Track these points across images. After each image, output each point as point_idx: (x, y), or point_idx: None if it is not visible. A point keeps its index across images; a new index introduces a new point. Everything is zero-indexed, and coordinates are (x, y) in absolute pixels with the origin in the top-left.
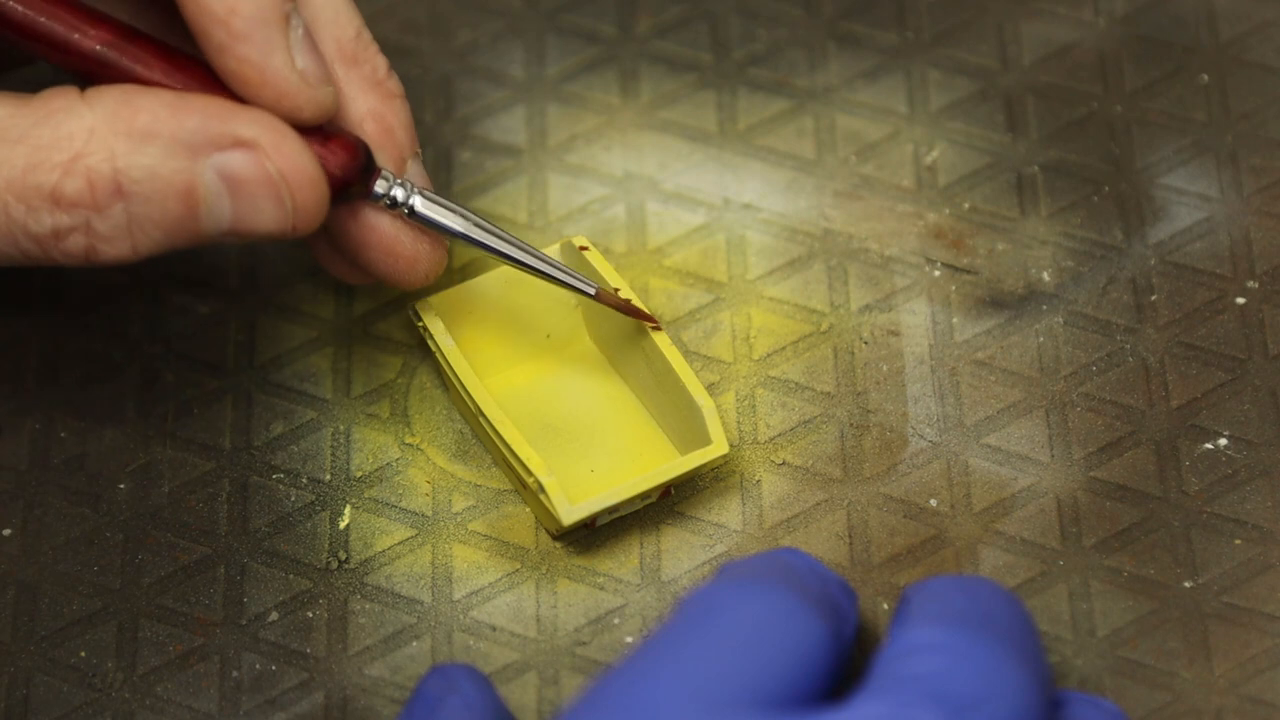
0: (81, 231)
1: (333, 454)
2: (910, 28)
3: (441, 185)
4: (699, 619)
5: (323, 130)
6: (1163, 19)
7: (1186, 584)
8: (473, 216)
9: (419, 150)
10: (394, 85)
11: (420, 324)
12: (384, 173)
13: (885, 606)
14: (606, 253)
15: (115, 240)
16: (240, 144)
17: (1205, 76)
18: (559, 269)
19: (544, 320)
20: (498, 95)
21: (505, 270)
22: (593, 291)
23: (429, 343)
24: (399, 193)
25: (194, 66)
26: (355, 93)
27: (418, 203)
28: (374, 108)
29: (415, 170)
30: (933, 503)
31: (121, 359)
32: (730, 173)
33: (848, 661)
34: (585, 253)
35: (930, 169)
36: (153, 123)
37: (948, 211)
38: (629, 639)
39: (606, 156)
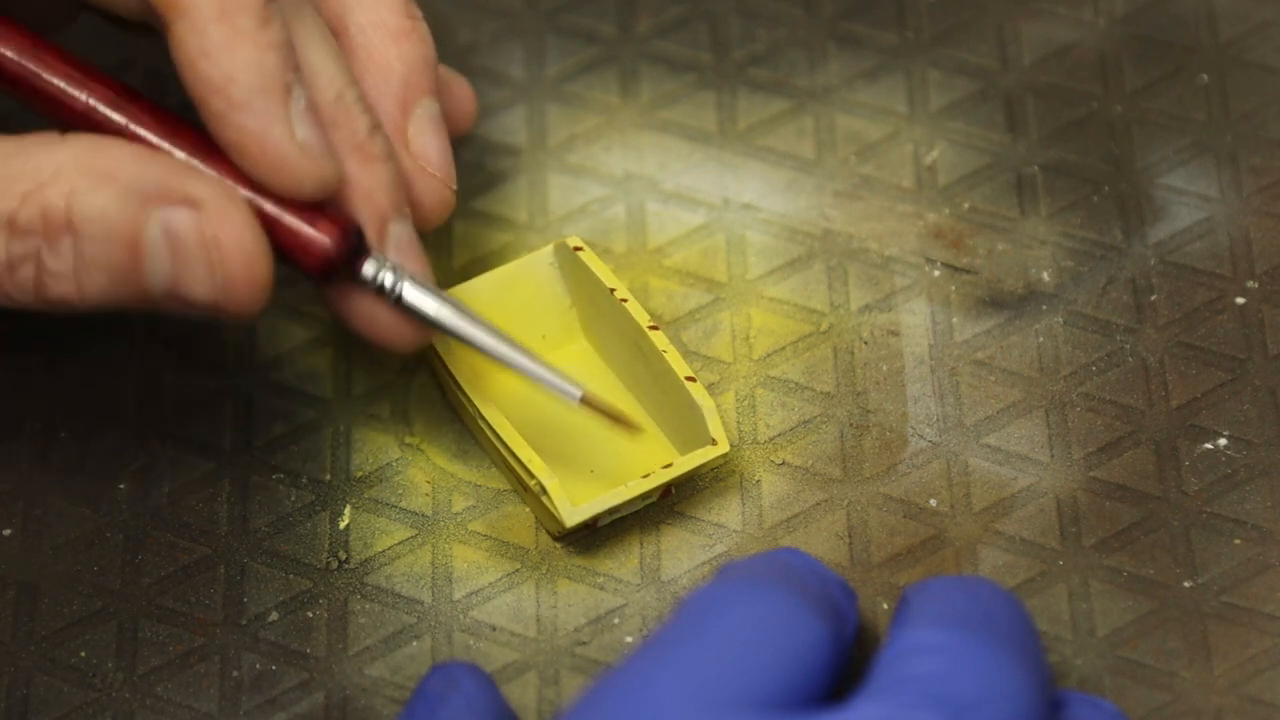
0: (32, 262)
1: (333, 454)
2: (910, 28)
3: None
4: (699, 620)
5: (319, 207)
6: (1163, 19)
7: (1186, 584)
8: (461, 306)
9: (407, 210)
10: (376, 147)
11: None
12: (375, 255)
13: (885, 606)
14: (606, 253)
15: (62, 277)
16: (188, 202)
17: (1205, 76)
18: (545, 368)
19: (540, 321)
20: (498, 95)
21: (500, 272)
22: (578, 396)
23: (432, 355)
24: (388, 278)
25: (189, 132)
26: (339, 155)
27: (405, 290)
28: (352, 172)
29: (401, 232)
30: (932, 503)
31: (121, 359)
32: (730, 173)
33: (848, 662)
34: (580, 253)
35: (930, 169)
36: (114, 166)
37: (948, 211)
38: (629, 639)
39: (606, 156)
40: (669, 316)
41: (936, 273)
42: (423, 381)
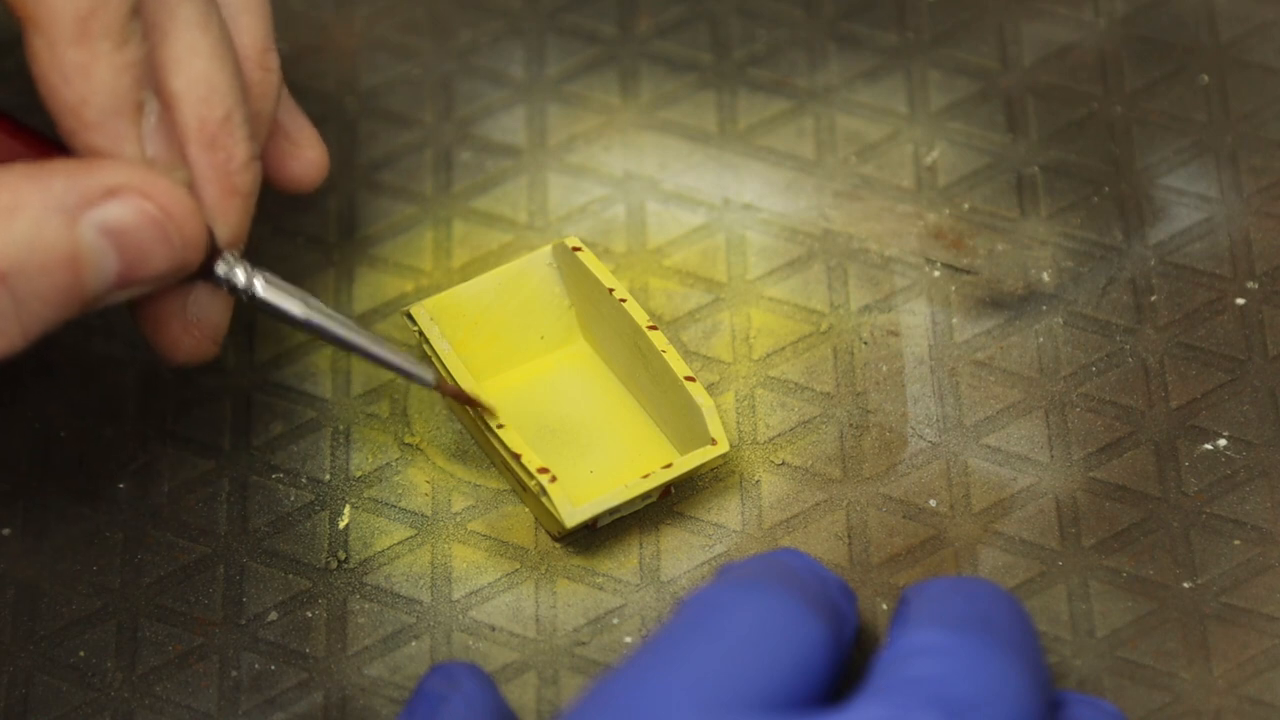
0: None
1: (332, 454)
2: (910, 28)
3: (442, 185)
4: (699, 621)
5: None
6: (1163, 19)
7: (1186, 585)
8: (314, 302)
9: (241, 248)
10: (242, 181)
11: (415, 328)
12: (225, 255)
13: (884, 607)
14: (606, 253)
15: (4, 331)
16: (113, 193)
17: (1205, 77)
18: (398, 357)
19: (538, 322)
20: (498, 95)
21: (499, 272)
22: (431, 382)
23: (424, 347)
24: (239, 276)
25: (47, 145)
26: (201, 179)
27: (259, 286)
28: (209, 196)
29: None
30: (932, 503)
31: (121, 359)
32: (730, 173)
33: (847, 663)
34: (578, 253)
35: (930, 169)
36: (15, 197)
37: (948, 212)
38: (628, 639)
39: (606, 156)
40: (669, 316)
41: (936, 273)
42: None
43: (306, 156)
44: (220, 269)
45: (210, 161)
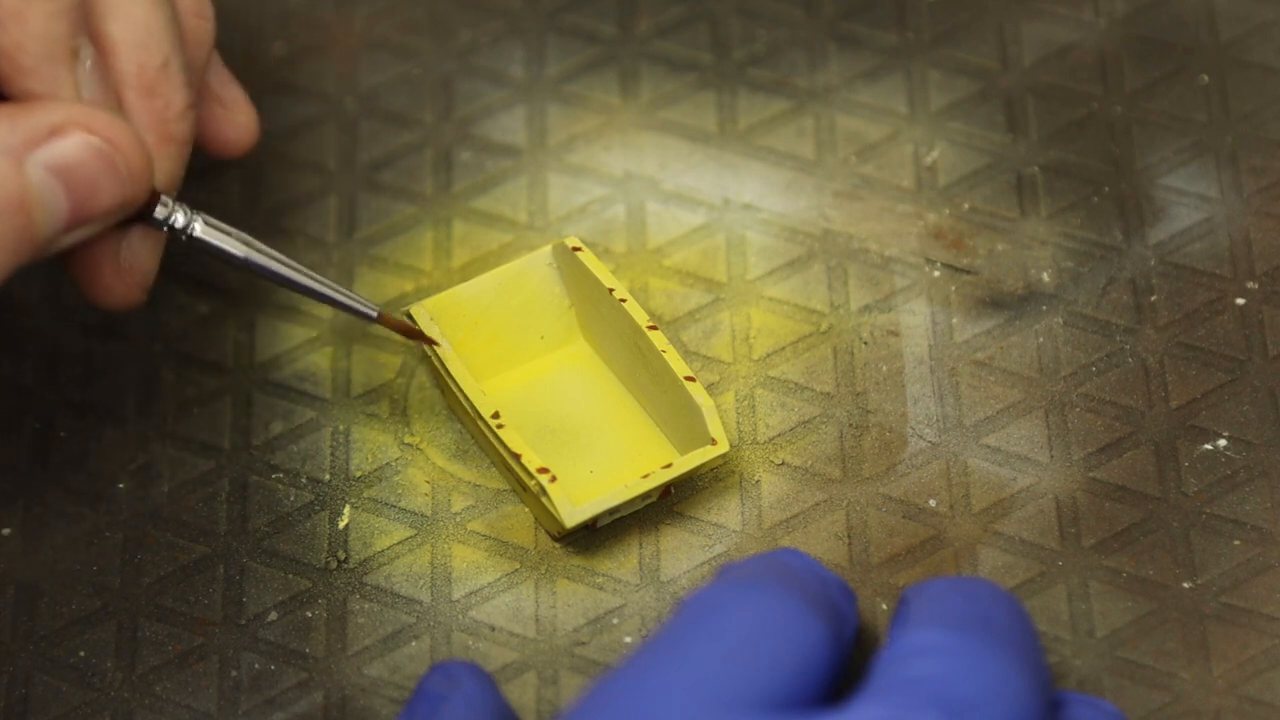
0: None
1: (332, 454)
2: (910, 28)
3: (442, 185)
4: (699, 621)
5: None
6: (1163, 19)
7: (1185, 585)
8: (254, 242)
9: (173, 194)
10: (179, 129)
11: (415, 329)
12: (164, 199)
13: (884, 607)
14: (606, 253)
15: None
16: (57, 131)
17: (1205, 77)
18: (340, 293)
19: (537, 322)
20: (498, 95)
21: (499, 273)
22: (374, 314)
23: (424, 347)
24: (179, 218)
25: None
26: (138, 126)
27: (198, 227)
28: (149, 145)
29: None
30: (932, 503)
31: (121, 359)
32: (730, 173)
33: (847, 663)
34: (578, 253)
35: (930, 169)
36: None
37: (948, 212)
38: (628, 639)
39: (606, 156)
40: (669, 316)
41: (936, 273)
42: (422, 381)
43: (238, 121)
44: (160, 212)
45: (148, 108)
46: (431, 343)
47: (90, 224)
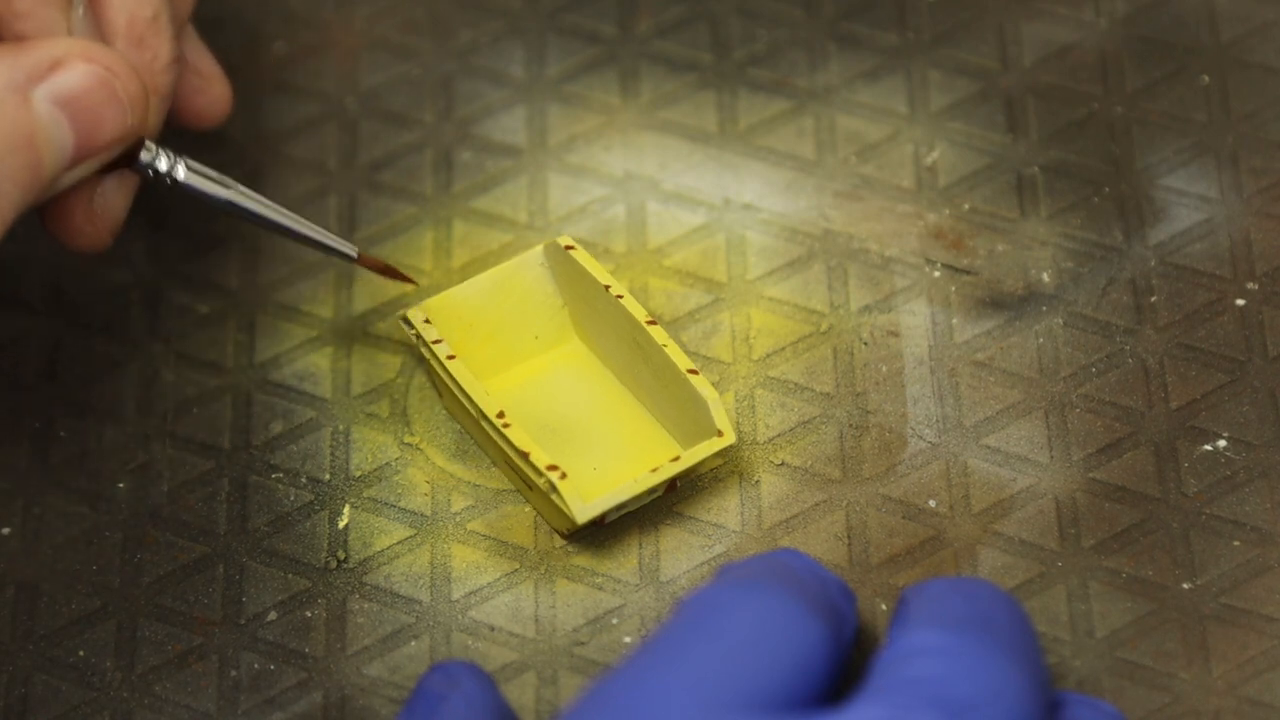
0: None
1: (332, 453)
2: (910, 28)
3: (442, 185)
4: (698, 621)
5: None
6: (1163, 19)
7: (1185, 585)
8: (236, 185)
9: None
10: (164, 81)
11: (412, 331)
12: (148, 143)
13: (884, 607)
14: (606, 253)
15: None
16: (59, 63)
17: (1206, 77)
18: (321, 234)
19: (531, 322)
20: (498, 95)
21: (490, 274)
22: (354, 255)
23: (422, 349)
24: (162, 163)
25: None
26: None
27: (181, 171)
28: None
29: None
30: (932, 503)
31: (121, 359)
32: (730, 173)
33: (847, 663)
34: (571, 251)
35: (930, 169)
36: None
37: (948, 212)
38: (627, 639)
39: (606, 156)
40: (669, 316)
41: (936, 273)
42: (422, 381)
43: (214, 91)
44: (144, 156)
45: (136, 59)
46: (412, 282)
47: (92, 159)
